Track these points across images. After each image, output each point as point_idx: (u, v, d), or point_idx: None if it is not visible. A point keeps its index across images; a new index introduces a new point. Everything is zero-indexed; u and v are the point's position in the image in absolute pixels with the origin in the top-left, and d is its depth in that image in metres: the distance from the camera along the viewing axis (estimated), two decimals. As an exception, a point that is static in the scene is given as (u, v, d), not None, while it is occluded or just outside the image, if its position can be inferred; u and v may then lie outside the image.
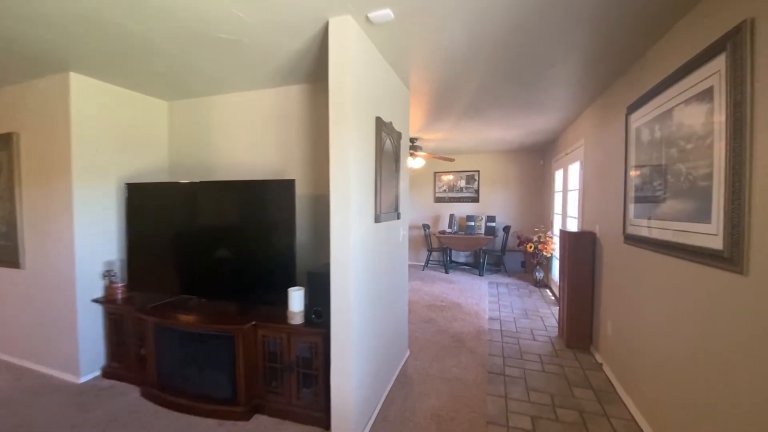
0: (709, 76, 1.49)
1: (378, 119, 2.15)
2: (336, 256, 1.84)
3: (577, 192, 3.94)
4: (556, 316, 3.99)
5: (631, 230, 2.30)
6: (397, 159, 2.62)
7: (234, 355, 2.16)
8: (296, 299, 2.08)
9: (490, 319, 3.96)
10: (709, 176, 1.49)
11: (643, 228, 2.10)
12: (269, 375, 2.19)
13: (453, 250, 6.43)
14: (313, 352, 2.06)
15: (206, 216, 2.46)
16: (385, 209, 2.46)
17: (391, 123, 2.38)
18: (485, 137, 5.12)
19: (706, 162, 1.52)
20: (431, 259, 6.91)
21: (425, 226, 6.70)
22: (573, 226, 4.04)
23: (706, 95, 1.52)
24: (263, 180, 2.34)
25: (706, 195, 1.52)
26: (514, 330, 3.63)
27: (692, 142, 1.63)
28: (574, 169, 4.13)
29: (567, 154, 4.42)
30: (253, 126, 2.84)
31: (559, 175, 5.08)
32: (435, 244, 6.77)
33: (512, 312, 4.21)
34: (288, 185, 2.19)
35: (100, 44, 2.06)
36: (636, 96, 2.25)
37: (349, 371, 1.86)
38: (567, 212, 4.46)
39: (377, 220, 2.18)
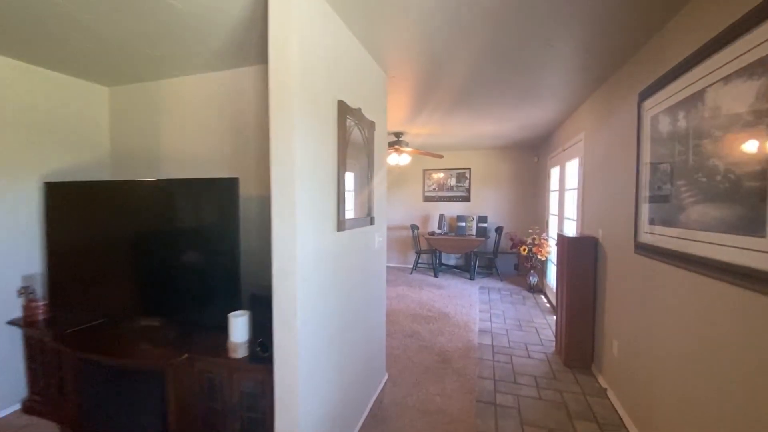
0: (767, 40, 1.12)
1: (341, 104, 1.75)
2: (278, 274, 1.44)
3: (575, 192, 3.59)
4: (553, 328, 3.64)
5: (644, 239, 1.94)
6: (369, 153, 2.23)
7: (165, 393, 1.76)
8: (239, 327, 1.68)
9: (481, 331, 3.60)
10: (762, 175, 1.13)
11: (662, 237, 1.74)
12: (211, 417, 1.79)
13: (443, 252, 6.07)
14: (259, 392, 1.67)
15: (136, 221, 2.04)
16: (356, 214, 2.06)
17: (359, 110, 1.99)
18: (477, 132, 4.75)
19: (756, 157, 1.15)
20: (420, 261, 6.54)
21: (413, 227, 6.32)
22: (571, 229, 3.69)
23: (759, 67, 1.15)
24: (201, 179, 1.92)
25: (756, 200, 1.15)
26: (507, 345, 3.27)
27: (734, 130, 1.26)
28: (573, 167, 3.78)
29: (564, 150, 4.07)
30: (203, 115, 2.42)
31: (555, 172, 4.74)
32: (424, 246, 6.40)
33: (505, 323, 3.86)
34: (230, 185, 1.79)
35: (6, 16, 1.63)
36: (652, 78, 1.88)
37: (295, 416, 1.47)
38: (564, 213, 4.11)
39: (340, 227, 1.79)
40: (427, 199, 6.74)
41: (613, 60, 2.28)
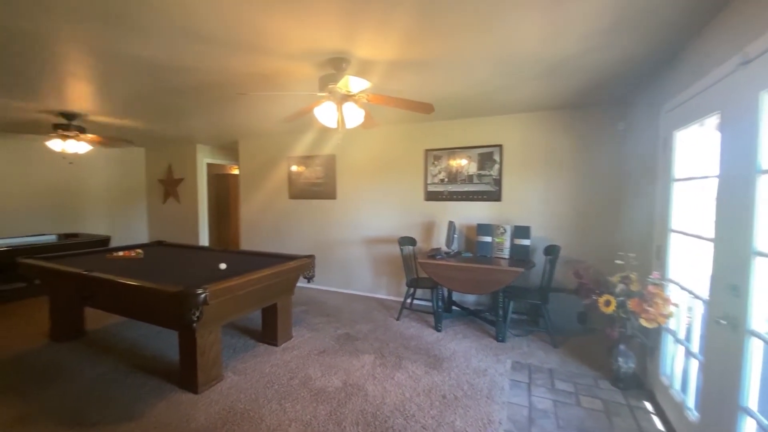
0: None
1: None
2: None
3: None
4: None
5: None
6: None
7: None
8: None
9: None
10: None
11: None
12: None
13: (451, 289, 3.61)
14: None
15: None
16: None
17: None
18: (507, 85, 2.25)
19: None
20: (417, 297, 4.11)
21: (405, 242, 3.90)
22: (736, 266, 1.10)
23: None
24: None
25: None
26: None
27: None
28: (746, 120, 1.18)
29: (709, 97, 1.45)
30: None
31: (687, 140, 2.11)
32: (423, 274, 3.97)
33: None
34: None
35: None
36: None
37: None
38: (723, 232, 1.50)
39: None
40: (430, 196, 4.27)
41: None
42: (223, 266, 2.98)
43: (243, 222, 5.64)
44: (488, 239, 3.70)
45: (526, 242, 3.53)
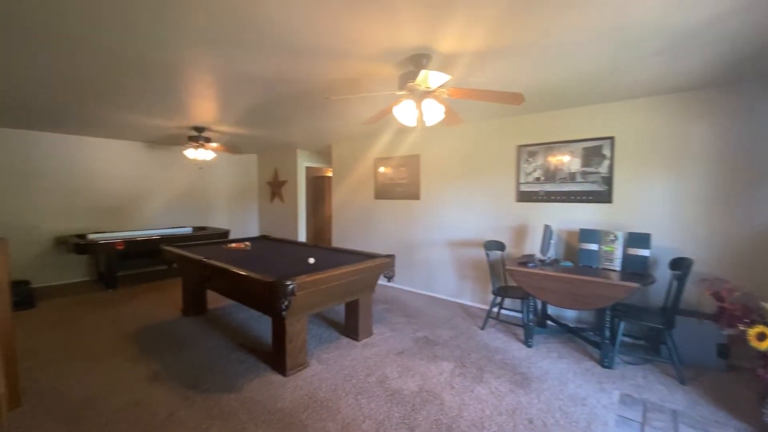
0: None
1: None
2: None
3: None
4: None
5: None
6: None
7: None
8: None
9: None
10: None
11: None
12: None
13: (546, 302, 3.21)
14: None
15: None
16: None
17: None
18: (619, 65, 1.89)
19: None
20: (505, 306, 3.79)
21: (492, 246, 3.64)
22: None
23: None
24: None
25: None
26: None
27: None
28: None
29: None
30: None
31: None
32: (511, 282, 3.63)
33: None
34: None
35: None
36: None
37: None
38: None
39: None
40: (523, 197, 3.89)
41: None
42: (311, 261, 3.19)
43: (334, 220, 6.02)
44: (594, 247, 3.20)
45: (644, 253, 2.95)
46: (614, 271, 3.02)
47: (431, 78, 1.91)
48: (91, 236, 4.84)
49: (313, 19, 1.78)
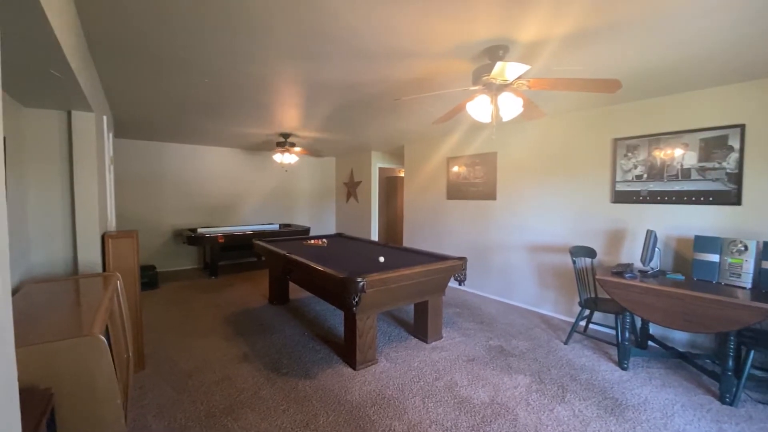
0: None
1: None
2: None
3: None
4: None
5: None
6: None
7: None
8: None
9: None
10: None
11: None
12: None
13: (647, 320, 2.75)
14: None
15: None
16: None
17: None
18: (752, 33, 1.53)
19: None
20: (594, 320, 3.36)
21: (580, 252, 3.27)
22: None
23: None
24: None
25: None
26: None
27: None
28: None
29: None
30: None
31: None
32: (602, 294, 3.20)
33: None
34: None
35: None
36: None
37: None
38: None
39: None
40: (620, 197, 3.41)
41: None
42: (381, 259, 3.25)
43: (406, 220, 6.05)
44: (714, 258, 2.65)
45: (788, 267, 2.35)
46: (742, 288, 2.46)
47: (509, 70, 1.78)
48: (201, 230, 5.65)
49: (387, 23, 1.79)
